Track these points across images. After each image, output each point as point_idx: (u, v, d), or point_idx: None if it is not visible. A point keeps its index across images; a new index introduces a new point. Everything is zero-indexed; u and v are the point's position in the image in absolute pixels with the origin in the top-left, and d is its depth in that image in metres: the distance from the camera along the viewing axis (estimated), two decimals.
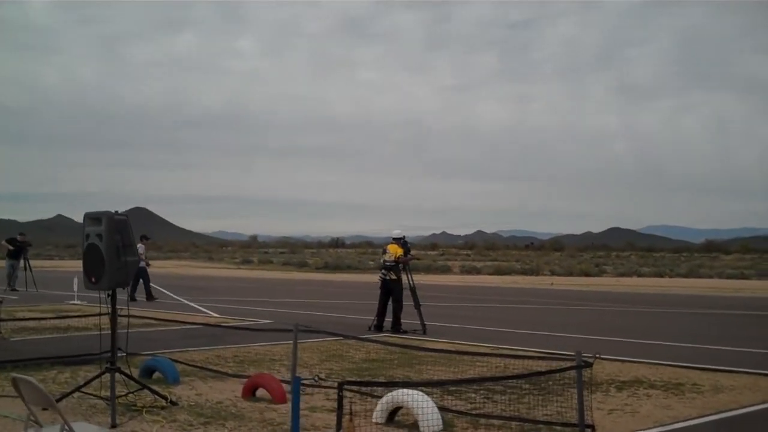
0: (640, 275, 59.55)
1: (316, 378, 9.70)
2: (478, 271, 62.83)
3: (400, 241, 17.65)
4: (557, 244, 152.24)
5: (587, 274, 59.63)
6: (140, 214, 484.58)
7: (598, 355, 8.07)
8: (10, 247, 30.37)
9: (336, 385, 6.29)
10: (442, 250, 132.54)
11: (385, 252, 17.76)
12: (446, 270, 63.76)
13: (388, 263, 17.43)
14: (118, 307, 9.65)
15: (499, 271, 61.83)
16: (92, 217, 8.47)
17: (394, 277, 17.32)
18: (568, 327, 18.93)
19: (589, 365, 7.75)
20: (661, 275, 59.24)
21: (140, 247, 26.37)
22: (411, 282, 17.43)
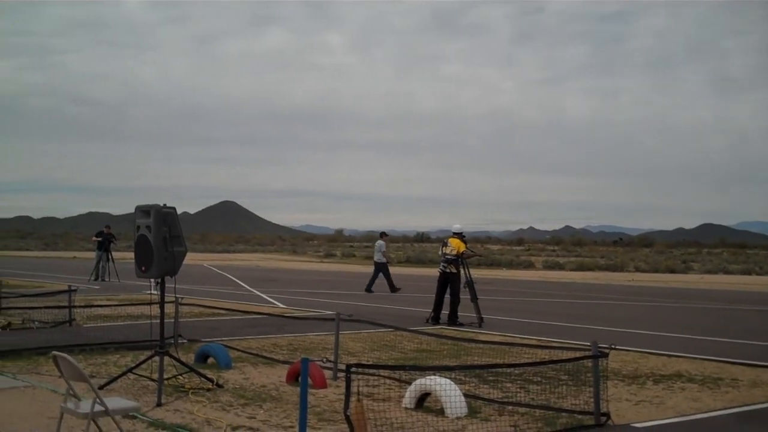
0: (727, 272, 58.27)
1: (324, 360, 10.13)
2: (561, 267, 62.38)
3: (460, 235, 17.96)
4: (647, 240, 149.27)
5: (673, 271, 58.64)
6: (229, 207, 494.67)
7: (613, 346, 8.28)
8: (98, 239, 31.69)
9: (346, 368, 6.67)
10: (528, 245, 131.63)
11: (446, 245, 18.08)
12: (529, 265, 63.50)
13: (448, 256, 17.76)
14: (179, 295, 10.32)
15: (582, 267, 61.30)
16: (142, 210, 9.06)
17: (453, 270, 17.65)
18: (624, 321, 18.98)
19: (605, 355, 7.99)
20: (749, 273, 57.88)
21: (381, 244, 28.37)
22: (468, 275, 17.72)
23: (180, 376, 9.74)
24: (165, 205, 9.08)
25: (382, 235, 30.75)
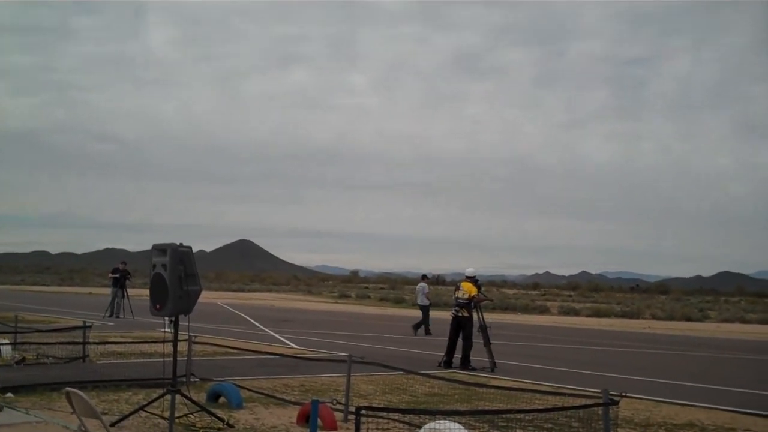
0: (744, 321, 57.77)
1: (334, 401, 10.16)
2: (576, 313, 62.04)
3: (473, 279, 17.99)
4: (664, 287, 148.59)
5: (689, 319, 58.14)
6: (246, 246, 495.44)
7: (624, 394, 8.28)
8: (114, 276, 31.88)
9: (356, 410, 6.71)
10: (544, 290, 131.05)
11: (458, 289, 18.12)
12: (544, 310, 63.20)
13: (460, 300, 17.79)
14: (192, 333, 10.42)
15: (598, 313, 60.93)
16: (159, 248, 9.18)
17: (465, 314, 17.66)
18: (638, 369, 18.89)
19: (616, 403, 7.98)
20: (766, 322, 57.33)
21: (423, 286, 28.79)
22: (482, 320, 17.72)
23: (191, 415, 9.79)
24: (181, 244, 9.19)
25: (424, 277, 31.15)
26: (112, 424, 8.87)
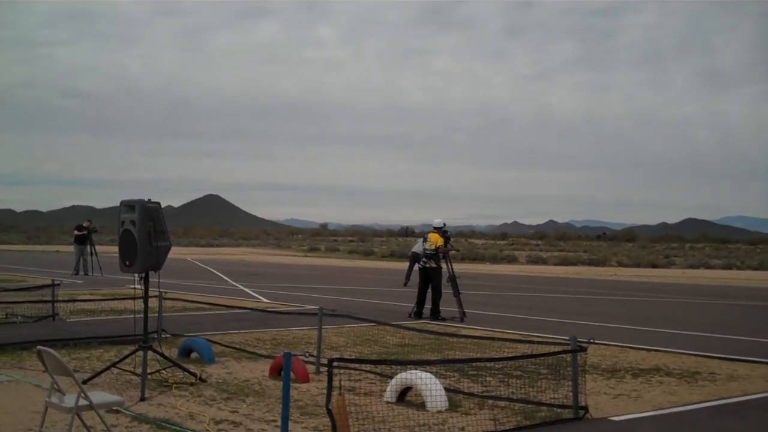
0: (708, 267, 58.70)
1: (307, 354, 10.26)
2: (544, 261, 62.69)
3: (441, 230, 18.07)
4: (630, 234, 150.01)
5: (655, 266, 58.98)
6: (214, 201, 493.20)
7: (592, 340, 8.41)
8: (79, 234, 31.61)
9: (327, 362, 6.77)
10: (512, 239, 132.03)
11: (425, 240, 18.21)
12: (512, 260, 63.74)
13: (428, 251, 17.88)
14: (162, 290, 10.43)
15: (565, 262, 61.59)
16: (127, 205, 9.11)
17: (434, 265, 17.76)
18: (605, 316, 19.18)
19: (584, 350, 8.12)
20: (730, 267, 58.33)
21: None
22: (451, 270, 17.85)
23: (163, 371, 9.81)
24: (150, 200, 9.12)
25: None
26: (84, 382, 8.86)
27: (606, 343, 13.53)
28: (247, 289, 25.22)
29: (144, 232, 8.92)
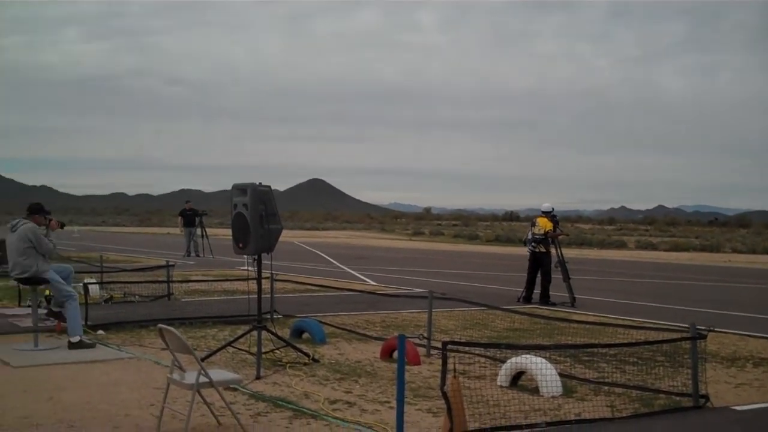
0: None
1: (421, 336, 10.20)
2: (654, 247, 61.03)
3: (550, 215, 17.79)
4: (744, 220, 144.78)
5: None
6: (318, 185, 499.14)
7: (712, 328, 8.13)
8: (182, 218, 32.31)
9: (442, 345, 6.72)
10: (620, 224, 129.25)
11: (534, 225, 17.96)
12: (621, 245, 62.37)
13: (537, 236, 17.63)
14: (273, 271, 10.60)
15: (676, 248, 59.85)
16: (239, 188, 9.25)
17: (542, 249, 17.52)
18: (721, 303, 18.57)
19: (703, 337, 7.86)
20: None
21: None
22: (560, 255, 17.57)
23: (277, 351, 9.96)
24: (261, 183, 9.25)
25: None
26: (202, 359, 9.07)
27: (724, 330, 13.10)
28: (354, 272, 25.42)
29: (256, 215, 9.05)
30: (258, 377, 8.79)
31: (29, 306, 12.52)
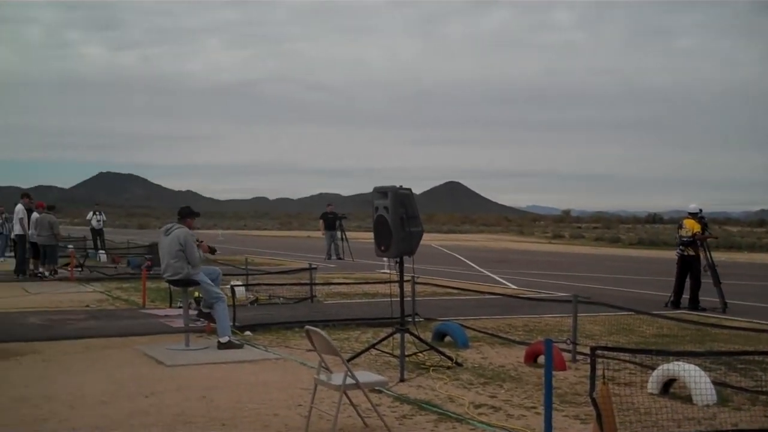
0: None
1: (568, 341, 9.95)
2: None
3: (697, 216, 17.14)
4: None
5: None
6: (454, 188, 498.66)
7: None
8: (323, 221, 32.83)
9: (589, 350, 6.54)
10: None
11: (681, 227, 17.33)
12: None
13: (684, 239, 17.02)
14: (413, 275, 10.64)
15: None
16: (380, 191, 9.31)
17: (691, 252, 16.90)
18: None
19: None
20: None
21: None
22: (710, 258, 16.90)
23: (420, 354, 9.97)
24: (401, 186, 9.27)
25: None
26: (348, 360, 9.17)
27: None
28: (493, 275, 25.22)
29: (397, 218, 9.07)
30: (402, 380, 8.82)
31: (180, 307, 13.02)
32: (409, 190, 9.32)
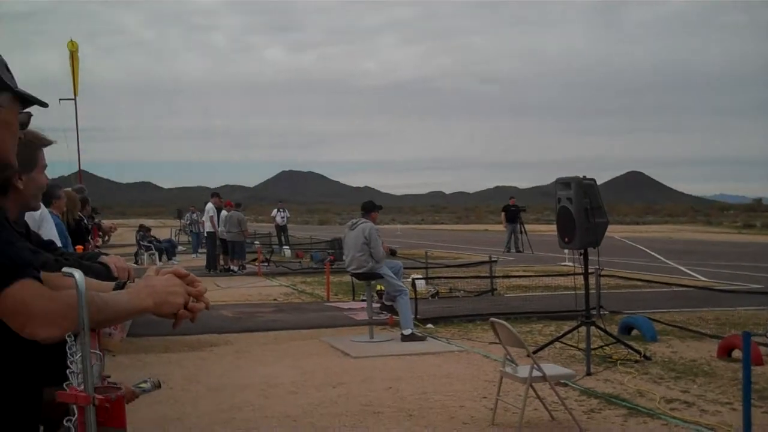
0: None
1: (766, 335, 9.41)
2: None
3: None
4: None
5: None
6: (636, 178, 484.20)
7: None
8: (505, 213, 32.63)
9: None
10: None
11: None
12: None
13: None
14: (597, 267, 10.40)
15: None
16: (562, 182, 9.15)
17: None
18: None
19: None
20: None
21: None
22: None
23: (606, 347, 9.73)
24: (585, 177, 9.09)
25: None
26: (534, 353, 9.08)
27: None
28: (680, 267, 24.26)
29: (581, 209, 8.89)
30: (588, 373, 8.63)
31: (363, 300, 13.29)
32: (593, 180, 9.12)
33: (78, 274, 1.77)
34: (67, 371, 1.87)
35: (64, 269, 1.84)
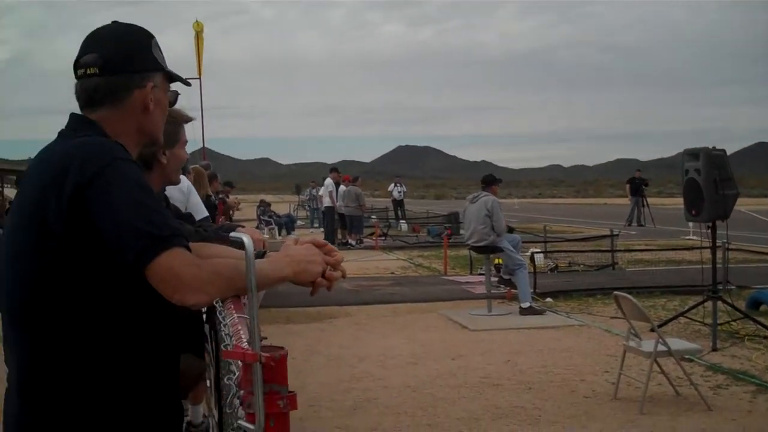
0: None
1: None
2: None
3: None
4: None
5: None
6: (764, 149, 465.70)
7: None
8: (629, 185, 31.90)
9: None
10: None
11: None
12: None
13: None
14: (725, 241, 10.10)
15: None
16: (690, 153, 8.91)
17: None
18: None
19: None
20: None
21: None
22: None
23: (733, 323, 9.46)
24: (714, 147, 8.83)
25: None
26: (659, 326, 8.92)
27: None
28: None
29: (710, 181, 8.64)
30: (714, 349, 8.42)
31: (480, 274, 13.29)
32: (723, 151, 8.86)
33: (246, 238, 1.87)
34: (223, 333, 1.98)
35: (233, 234, 1.94)
